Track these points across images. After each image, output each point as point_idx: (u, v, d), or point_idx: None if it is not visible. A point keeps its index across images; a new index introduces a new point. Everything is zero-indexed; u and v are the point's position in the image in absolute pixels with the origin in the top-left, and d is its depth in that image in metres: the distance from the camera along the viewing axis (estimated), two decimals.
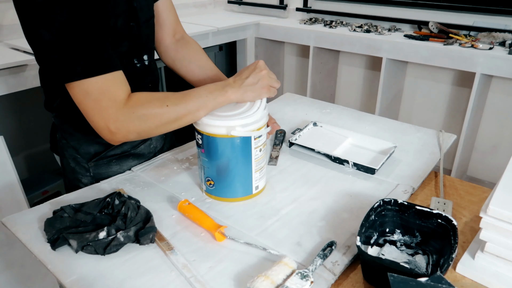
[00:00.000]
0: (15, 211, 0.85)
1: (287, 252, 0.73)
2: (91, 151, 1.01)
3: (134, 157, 1.05)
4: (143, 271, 0.68)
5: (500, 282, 0.65)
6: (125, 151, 1.03)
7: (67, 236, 0.70)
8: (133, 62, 0.97)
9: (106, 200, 0.79)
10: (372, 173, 0.97)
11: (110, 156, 1.02)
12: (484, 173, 2.42)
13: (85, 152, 1.01)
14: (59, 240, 0.71)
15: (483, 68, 1.96)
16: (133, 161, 1.05)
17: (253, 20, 2.71)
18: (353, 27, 2.46)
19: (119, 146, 1.02)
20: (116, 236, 0.70)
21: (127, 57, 0.95)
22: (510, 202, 0.63)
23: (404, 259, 0.71)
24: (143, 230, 0.73)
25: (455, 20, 2.27)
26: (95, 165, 1.02)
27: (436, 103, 2.51)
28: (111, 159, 1.02)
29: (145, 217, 0.76)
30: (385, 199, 0.76)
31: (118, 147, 1.02)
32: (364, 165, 0.97)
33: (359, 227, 0.70)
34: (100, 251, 0.70)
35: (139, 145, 1.06)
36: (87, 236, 0.70)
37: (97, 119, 0.78)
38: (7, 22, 2.02)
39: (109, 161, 1.02)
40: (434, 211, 0.71)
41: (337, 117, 1.29)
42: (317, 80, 2.68)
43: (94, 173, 1.02)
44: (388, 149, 1.05)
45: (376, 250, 0.75)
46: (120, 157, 1.03)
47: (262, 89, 0.85)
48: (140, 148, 1.06)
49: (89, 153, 1.01)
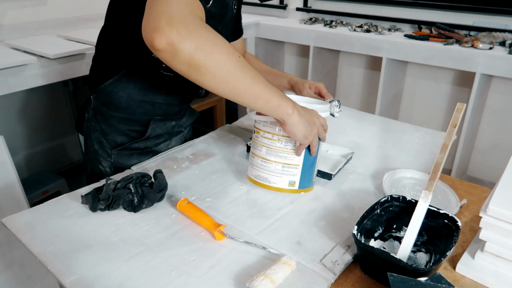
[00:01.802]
0: (15, 211, 0.85)
1: (287, 251, 0.73)
2: (118, 140, 1.06)
3: (154, 153, 1.10)
4: (143, 271, 0.68)
5: (500, 282, 0.65)
6: (147, 147, 1.09)
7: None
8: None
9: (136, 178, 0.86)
10: (329, 179, 0.97)
11: (133, 148, 1.07)
12: (484, 173, 2.42)
13: (112, 139, 1.06)
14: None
15: (483, 68, 1.96)
16: (151, 156, 1.09)
17: (253, 20, 2.71)
18: (353, 27, 2.46)
19: (144, 142, 1.07)
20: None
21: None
22: (510, 202, 0.63)
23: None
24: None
25: (455, 20, 2.27)
26: (118, 154, 1.06)
27: (436, 103, 2.51)
28: (133, 152, 1.07)
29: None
30: (394, 195, 0.76)
31: (142, 143, 1.07)
32: (321, 171, 0.97)
33: (360, 217, 0.71)
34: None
35: (160, 144, 1.11)
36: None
37: (164, 3, 0.66)
38: (7, 22, 2.02)
39: (131, 153, 1.07)
40: (441, 210, 0.71)
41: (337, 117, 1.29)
42: (317, 80, 2.67)
43: (114, 160, 1.06)
44: (347, 155, 1.06)
45: (379, 244, 0.75)
46: (141, 152, 1.08)
47: (311, 132, 0.82)
48: (160, 146, 1.12)
49: (115, 141, 1.06)
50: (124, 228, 0.79)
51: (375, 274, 0.68)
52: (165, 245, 0.74)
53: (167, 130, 1.12)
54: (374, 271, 0.68)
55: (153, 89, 1.02)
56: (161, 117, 1.08)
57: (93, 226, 0.79)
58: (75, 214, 0.83)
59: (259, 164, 0.88)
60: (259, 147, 0.88)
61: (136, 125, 1.07)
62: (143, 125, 1.07)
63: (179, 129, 1.18)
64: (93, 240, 0.76)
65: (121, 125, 1.05)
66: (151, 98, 1.03)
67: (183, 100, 1.12)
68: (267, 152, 0.87)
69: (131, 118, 1.05)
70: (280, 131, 0.84)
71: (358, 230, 0.69)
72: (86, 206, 0.85)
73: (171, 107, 1.09)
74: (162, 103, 1.06)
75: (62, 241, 0.75)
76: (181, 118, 1.17)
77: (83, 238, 0.76)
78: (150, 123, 1.06)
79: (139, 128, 1.07)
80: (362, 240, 0.70)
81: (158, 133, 1.10)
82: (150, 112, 1.05)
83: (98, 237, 0.76)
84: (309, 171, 0.89)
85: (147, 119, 1.06)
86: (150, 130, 1.07)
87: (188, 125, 1.22)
